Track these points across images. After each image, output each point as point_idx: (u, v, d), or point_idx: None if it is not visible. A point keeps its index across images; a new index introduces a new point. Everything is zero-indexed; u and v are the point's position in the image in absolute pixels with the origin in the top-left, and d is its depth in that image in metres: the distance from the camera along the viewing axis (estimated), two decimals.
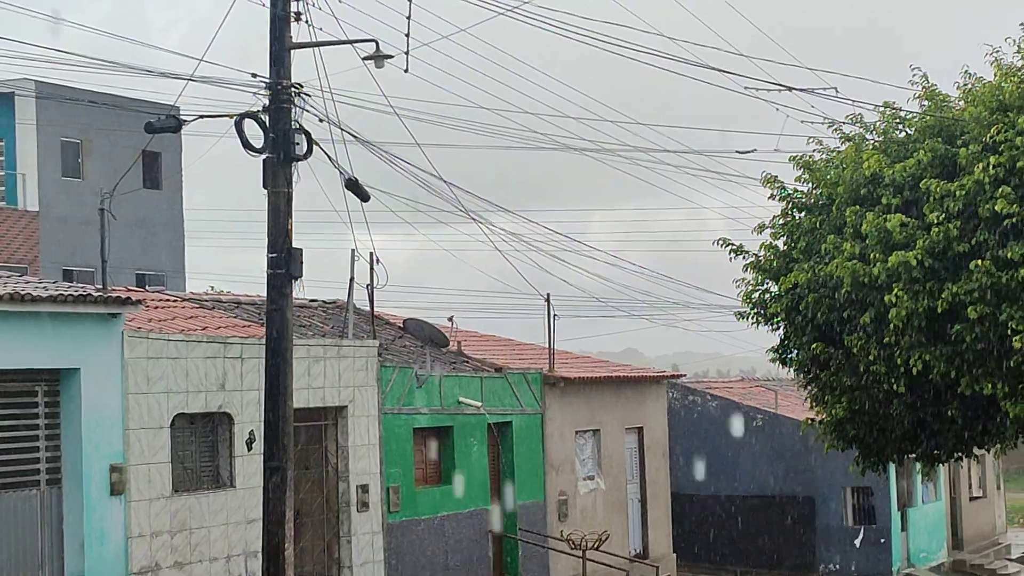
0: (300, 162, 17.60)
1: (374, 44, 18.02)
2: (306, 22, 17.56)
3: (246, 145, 17.27)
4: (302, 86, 17.60)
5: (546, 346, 33.01)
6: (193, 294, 29.96)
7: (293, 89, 17.46)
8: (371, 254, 25.13)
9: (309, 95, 17.65)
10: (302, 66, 17.68)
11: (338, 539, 25.15)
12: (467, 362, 30.94)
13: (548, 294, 32.36)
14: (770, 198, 26.18)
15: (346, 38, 17.97)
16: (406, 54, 18.13)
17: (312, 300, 30.93)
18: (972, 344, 22.46)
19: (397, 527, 26.43)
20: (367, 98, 20.09)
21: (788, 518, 42.22)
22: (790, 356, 26.37)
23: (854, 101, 24.22)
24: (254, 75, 17.65)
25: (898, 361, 23.23)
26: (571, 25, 20.34)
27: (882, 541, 41.52)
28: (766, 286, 25.89)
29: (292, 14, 17.52)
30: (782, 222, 25.96)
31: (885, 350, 23.43)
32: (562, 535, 30.83)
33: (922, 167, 23.48)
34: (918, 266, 22.41)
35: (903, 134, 25.39)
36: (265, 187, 17.53)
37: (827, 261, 23.83)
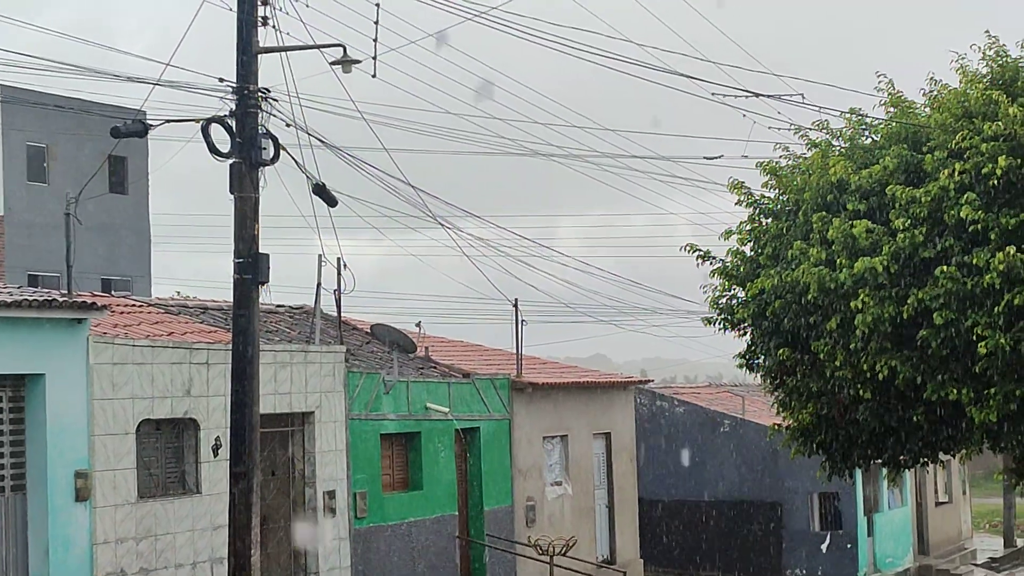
0: (267, 167, 17.56)
1: (341, 49, 18.01)
2: (273, 27, 17.55)
3: (213, 150, 17.22)
4: (269, 91, 17.57)
5: (514, 352, 33.00)
6: (159, 299, 29.82)
7: (260, 94, 17.42)
8: (338, 259, 25.06)
9: (276, 100, 17.63)
10: (269, 71, 17.66)
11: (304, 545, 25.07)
12: (435, 368, 30.91)
13: (516, 299, 32.37)
14: (737, 204, 26.24)
15: (313, 43, 17.95)
16: (374, 59, 18.14)
17: (279, 306, 30.85)
18: (938, 350, 22.54)
19: (364, 533, 26.37)
20: (335, 103, 20.08)
21: (755, 523, 42.29)
22: (757, 362, 26.42)
23: (820, 107, 24.34)
24: (221, 80, 17.62)
25: (864, 367, 23.30)
26: (539, 31, 20.38)
27: (848, 546, 41.64)
28: (733, 292, 25.94)
29: (259, 19, 17.49)
30: (749, 228, 26.01)
31: (851, 356, 23.50)
32: (530, 541, 30.81)
33: (888, 173, 23.57)
34: (884, 272, 22.48)
35: (869, 140, 25.49)
36: (232, 192, 17.49)
37: (794, 267, 23.88)
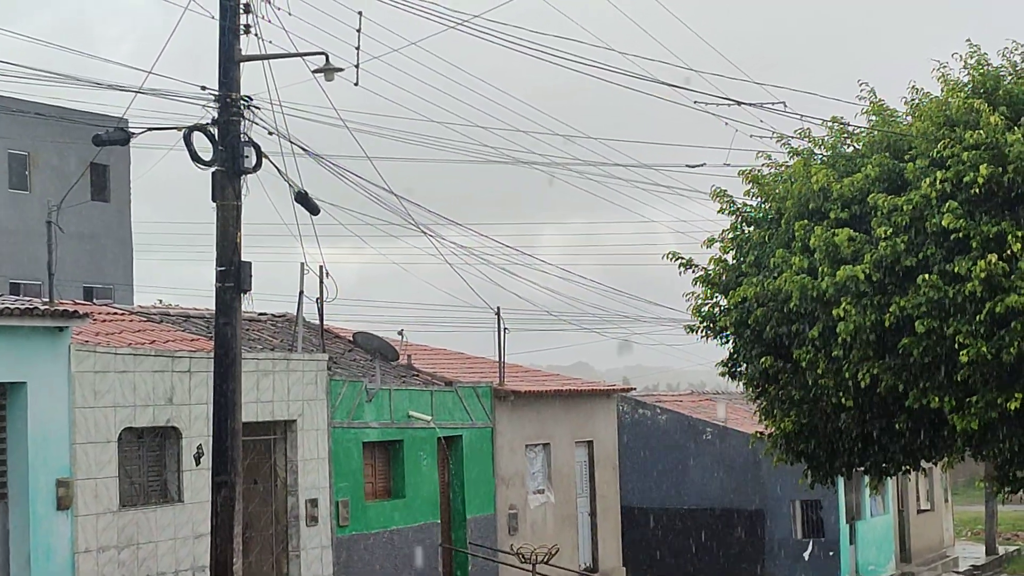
0: (249, 175, 17.55)
1: (324, 57, 18.00)
2: (255, 35, 17.54)
3: (195, 158, 17.21)
4: (251, 99, 17.56)
5: (496, 360, 32.98)
6: (141, 307, 29.76)
7: (242, 102, 17.41)
8: (321, 267, 25.07)
9: (258, 108, 17.62)
10: (252, 79, 17.65)
11: (287, 554, 25.02)
12: (417, 376, 30.89)
13: (498, 307, 32.35)
14: (719, 212, 26.32)
15: (296, 51, 17.94)
16: (356, 67, 18.12)
17: (261, 314, 30.80)
18: (919, 358, 22.60)
19: (346, 541, 26.33)
20: (317, 111, 20.06)
21: (737, 531, 42.31)
22: (739, 370, 26.47)
23: (803, 116, 24.38)
24: (203, 88, 17.61)
25: (846, 375, 23.35)
26: (522, 39, 20.39)
27: (831, 554, 41.67)
28: (715, 300, 25.98)
29: (241, 27, 17.48)
30: (731, 236, 26.08)
31: (833, 364, 23.55)
32: (512, 549, 30.79)
33: (870, 182, 23.63)
34: (866, 280, 22.53)
35: (851, 149, 25.56)
36: (214, 200, 17.48)
37: (776, 275, 23.93)
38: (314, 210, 18.34)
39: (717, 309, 25.82)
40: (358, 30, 18.18)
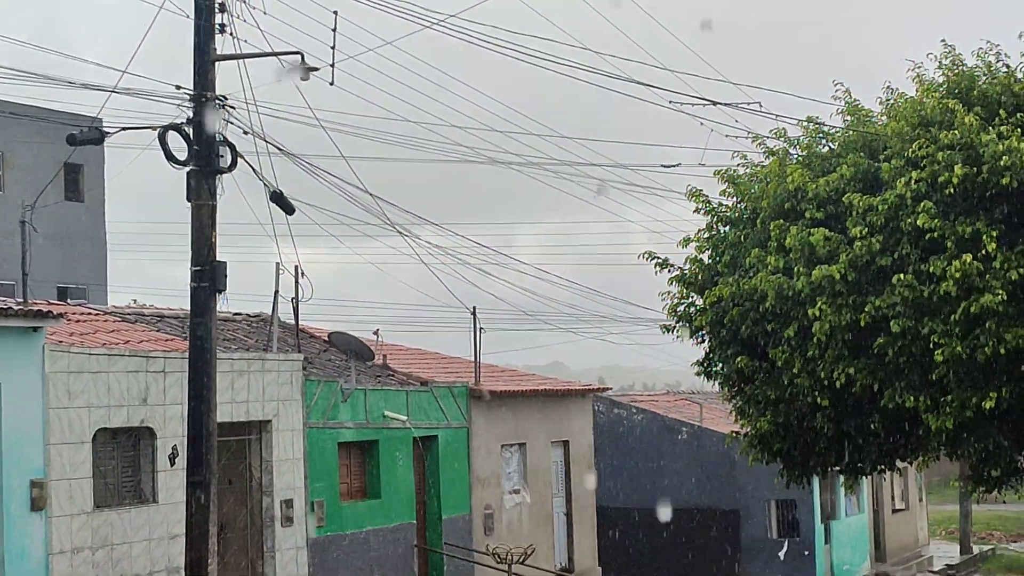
0: (224, 175, 17.50)
1: (299, 56, 17.95)
2: (231, 34, 17.49)
3: (170, 157, 17.16)
4: (226, 98, 17.51)
5: (472, 359, 32.97)
6: (115, 307, 29.65)
7: (217, 101, 17.36)
8: (296, 267, 25.03)
9: (234, 107, 17.57)
10: (227, 79, 17.59)
11: (262, 554, 24.96)
12: (392, 376, 30.85)
13: (474, 307, 32.34)
14: (695, 212, 26.34)
15: (271, 50, 17.90)
16: (331, 67, 18.09)
17: (236, 314, 30.73)
18: (894, 357, 22.66)
19: (322, 542, 26.28)
20: (293, 111, 20.03)
21: (713, 530, 42.37)
22: (715, 369, 26.50)
23: (778, 116, 24.43)
24: (178, 87, 17.56)
25: (821, 374, 23.40)
26: (498, 39, 20.38)
27: (806, 553, 41.76)
28: (691, 299, 26.00)
29: (216, 26, 17.43)
30: (707, 236, 26.10)
31: (809, 363, 23.60)
32: (488, 549, 30.78)
33: (845, 181, 23.69)
34: (841, 280, 22.58)
35: (826, 149, 25.61)
36: (189, 200, 17.43)
37: (751, 275, 23.98)
38: (289, 210, 18.31)
39: (693, 309, 25.85)
40: (333, 29, 18.16)
